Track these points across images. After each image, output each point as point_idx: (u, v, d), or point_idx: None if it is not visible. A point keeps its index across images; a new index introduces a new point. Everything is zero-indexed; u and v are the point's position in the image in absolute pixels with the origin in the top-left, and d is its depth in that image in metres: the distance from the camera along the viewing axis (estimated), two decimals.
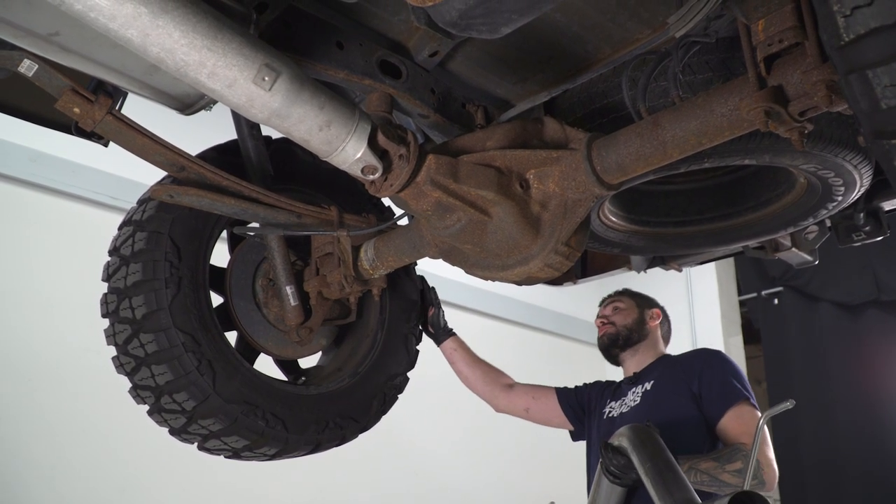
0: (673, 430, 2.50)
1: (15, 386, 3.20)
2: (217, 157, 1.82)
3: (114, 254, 1.71)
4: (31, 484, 3.17)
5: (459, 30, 1.19)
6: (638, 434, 2.19)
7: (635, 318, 3.11)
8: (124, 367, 1.68)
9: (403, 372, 2.11)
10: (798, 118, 1.27)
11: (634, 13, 1.55)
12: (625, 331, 3.08)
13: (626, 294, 3.25)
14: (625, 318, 3.11)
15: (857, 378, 5.45)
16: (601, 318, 3.19)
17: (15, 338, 3.26)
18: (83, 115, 1.44)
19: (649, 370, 2.96)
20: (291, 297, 1.84)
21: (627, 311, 3.13)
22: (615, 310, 3.16)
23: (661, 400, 2.77)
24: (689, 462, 2.44)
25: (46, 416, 3.27)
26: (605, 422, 2.93)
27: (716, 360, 2.84)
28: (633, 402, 2.87)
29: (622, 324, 3.09)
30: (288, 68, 1.27)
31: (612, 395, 3.04)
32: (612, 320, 3.13)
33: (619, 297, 3.22)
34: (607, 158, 1.48)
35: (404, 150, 1.43)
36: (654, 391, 2.83)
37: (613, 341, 3.10)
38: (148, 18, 1.12)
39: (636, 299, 3.20)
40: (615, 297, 3.23)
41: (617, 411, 2.92)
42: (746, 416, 2.61)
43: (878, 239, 2.38)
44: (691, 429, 2.65)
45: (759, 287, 6.06)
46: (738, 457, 2.45)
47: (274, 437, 1.76)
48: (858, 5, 0.96)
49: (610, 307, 3.19)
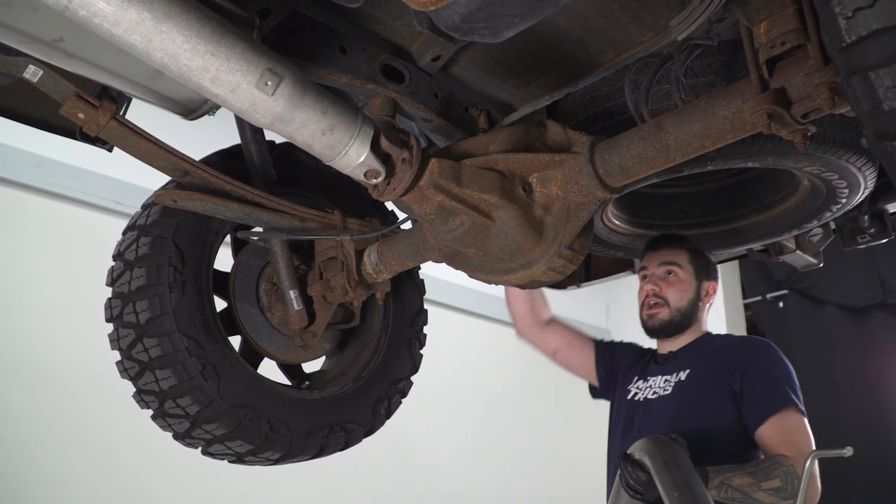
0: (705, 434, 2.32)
1: (18, 390, 3.21)
2: (221, 161, 1.83)
3: (118, 258, 1.72)
4: (34, 488, 3.18)
5: (462, 34, 1.19)
6: (662, 452, 2.00)
7: (692, 297, 2.63)
8: (128, 371, 1.68)
9: (407, 376, 2.11)
10: (801, 120, 1.27)
11: (637, 16, 1.56)
12: (678, 315, 2.63)
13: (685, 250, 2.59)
14: (680, 295, 2.62)
15: (863, 381, 5.43)
16: (652, 285, 2.63)
17: (19, 342, 3.27)
18: (88, 121, 1.44)
19: (687, 353, 2.62)
20: (295, 302, 1.84)
21: (685, 285, 2.61)
22: (669, 276, 2.60)
23: (695, 396, 2.47)
24: (721, 476, 2.18)
25: (50, 421, 3.27)
26: (629, 403, 2.67)
27: (764, 355, 2.51)
28: (662, 391, 2.57)
29: (676, 305, 2.62)
30: (291, 73, 1.28)
31: (640, 372, 2.72)
32: (664, 295, 2.62)
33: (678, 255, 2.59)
34: (610, 162, 1.48)
35: (407, 154, 1.43)
36: (688, 384, 2.51)
37: (664, 329, 2.65)
38: (151, 24, 1.12)
39: (695, 263, 2.61)
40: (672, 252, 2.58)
41: (643, 395, 2.64)
42: (792, 425, 2.35)
43: (883, 241, 2.38)
44: (726, 434, 2.38)
45: (764, 290, 6.04)
46: (777, 472, 2.21)
47: (277, 441, 1.76)
48: (860, 7, 0.96)
49: (664, 269, 2.60)
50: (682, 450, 2.03)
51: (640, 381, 2.69)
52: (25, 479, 3.16)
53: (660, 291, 2.62)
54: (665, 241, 2.57)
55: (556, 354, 2.96)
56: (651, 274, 2.63)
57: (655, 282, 2.62)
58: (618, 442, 2.64)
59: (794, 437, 2.31)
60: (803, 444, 2.32)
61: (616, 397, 2.79)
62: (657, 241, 2.57)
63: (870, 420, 5.32)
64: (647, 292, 2.66)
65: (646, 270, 2.66)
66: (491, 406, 5.22)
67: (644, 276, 2.68)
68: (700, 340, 2.66)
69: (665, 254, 2.58)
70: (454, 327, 5.00)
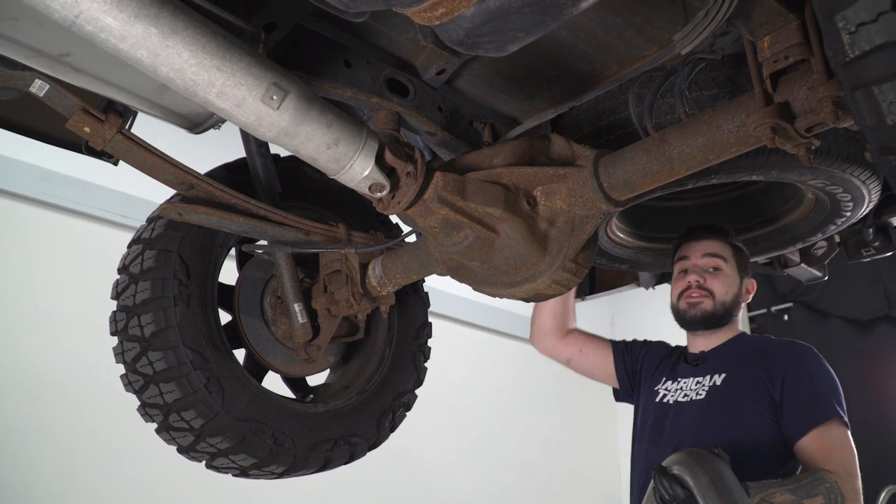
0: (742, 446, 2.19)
1: (23, 403, 3.22)
2: (226, 175, 1.83)
3: (123, 272, 1.72)
4: (40, 500, 3.17)
5: (466, 48, 1.19)
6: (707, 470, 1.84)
7: (735, 293, 2.47)
8: (133, 384, 1.68)
9: (412, 389, 2.11)
10: (805, 134, 1.27)
11: (640, 30, 1.56)
12: (721, 309, 2.45)
13: (728, 244, 2.44)
14: (726, 288, 2.46)
15: (868, 394, 5.40)
16: (696, 276, 2.44)
17: (24, 355, 3.27)
18: (93, 135, 1.45)
19: (721, 354, 2.47)
20: (300, 315, 1.84)
21: (730, 279, 2.45)
22: (716, 271, 2.44)
23: (732, 404, 2.31)
24: (762, 493, 2.01)
25: (55, 433, 3.27)
26: (656, 405, 2.51)
27: (806, 361, 2.34)
28: (695, 394, 2.41)
29: (722, 299, 2.45)
30: (296, 87, 1.28)
31: (668, 372, 2.56)
32: (710, 287, 2.44)
33: (722, 248, 2.44)
34: (614, 175, 1.48)
35: (412, 168, 1.43)
36: (724, 389, 2.35)
37: (706, 320, 2.46)
38: (158, 39, 1.13)
39: (738, 258, 2.46)
40: (716, 244, 2.43)
41: (672, 397, 2.48)
42: (835, 438, 2.20)
43: (888, 254, 2.37)
44: (765, 446, 2.24)
45: (769, 303, 6.03)
46: (820, 489, 2.07)
47: (282, 455, 1.75)
48: (863, 22, 0.96)
49: (708, 261, 2.43)
50: (726, 466, 1.88)
51: (669, 382, 2.53)
52: (31, 491, 3.16)
53: (704, 283, 2.44)
54: (709, 232, 2.43)
55: (569, 363, 2.87)
56: (694, 265, 2.45)
57: (700, 273, 2.44)
58: (645, 446, 2.49)
59: (837, 451, 2.17)
60: (847, 459, 2.18)
61: (642, 399, 2.63)
62: (699, 229, 2.44)
63: (875, 432, 5.29)
64: (689, 283, 2.46)
65: (686, 262, 2.47)
66: (494, 418, 5.21)
67: (683, 269, 2.48)
68: (735, 340, 2.50)
69: (709, 245, 2.43)
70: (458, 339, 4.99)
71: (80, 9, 1.06)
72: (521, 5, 1.07)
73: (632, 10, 1.52)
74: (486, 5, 1.08)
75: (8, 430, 3.16)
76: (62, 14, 1.06)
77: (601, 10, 1.51)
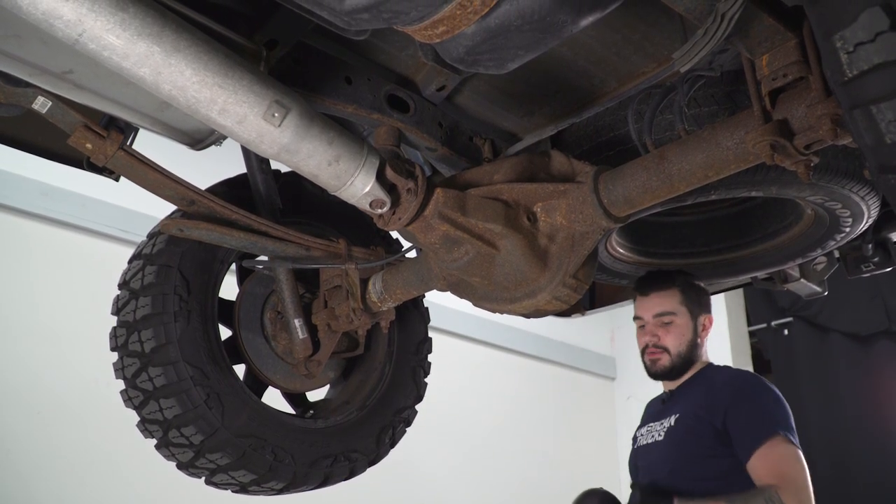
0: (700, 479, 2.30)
1: (24, 418, 3.21)
2: (227, 191, 1.83)
3: (123, 287, 1.72)
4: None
5: (466, 66, 1.20)
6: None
7: (690, 338, 2.58)
8: (133, 400, 1.68)
9: (412, 405, 2.10)
10: (804, 151, 1.27)
11: (640, 47, 1.57)
12: (678, 360, 2.58)
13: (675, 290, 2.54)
14: (678, 339, 2.57)
15: (868, 409, 5.39)
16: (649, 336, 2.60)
17: (24, 370, 3.27)
18: (95, 151, 1.45)
19: (682, 392, 2.61)
20: (300, 330, 1.84)
21: (681, 328, 2.57)
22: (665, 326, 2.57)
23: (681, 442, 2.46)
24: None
25: (56, 448, 3.26)
26: (635, 450, 2.71)
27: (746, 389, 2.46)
28: (658, 435, 2.58)
29: (676, 350, 2.57)
30: (297, 104, 1.29)
31: (647, 418, 2.73)
32: (663, 344, 2.58)
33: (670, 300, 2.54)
34: (614, 191, 1.48)
35: (412, 184, 1.44)
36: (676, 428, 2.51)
37: (668, 373, 2.62)
38: (160, 57, 1.14)
39: (688, 302, 2.56)
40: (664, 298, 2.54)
41: (644, 440, 2.65)
42: (777, 454, 2.28)
43: (887, 270, 2.37)
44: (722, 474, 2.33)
45: (769, 317, 6.02)
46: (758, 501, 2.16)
47: (281, 471, 1.75)
48: (861, 41, 0.97)
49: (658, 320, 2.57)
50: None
51: (645, 428, 2.70)
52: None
53: (659, 341, 2.60)
54: (654, 285, 2.55)
55: None
56: (647, 324, 2.62)
57: (653, 332, 2.61)
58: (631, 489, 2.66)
59: (783, 467, 2.24)
60: (791, 472, 2.25)
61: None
62: (645, 285, 2.56)
63: (876, 447, 5.28)
64: (646, 342, 2.64)
65: (641, 321, 2.64)
66: (493, 433, 5.19)
67: (641, 326, 2.65)
68: (697, 376, 2.63)
69: (658, 302, 2.57)
70: (458, 354, 4.98)
71: (83, 27, 1.07)
72: (521, 23, 1.08)
73: (631, 27, 1.53)
74: (487, 23, 1.08)
75: (8, 444, 3.15)
76: (66, 32, 1.07)
77: (601, 27, 1.52)
